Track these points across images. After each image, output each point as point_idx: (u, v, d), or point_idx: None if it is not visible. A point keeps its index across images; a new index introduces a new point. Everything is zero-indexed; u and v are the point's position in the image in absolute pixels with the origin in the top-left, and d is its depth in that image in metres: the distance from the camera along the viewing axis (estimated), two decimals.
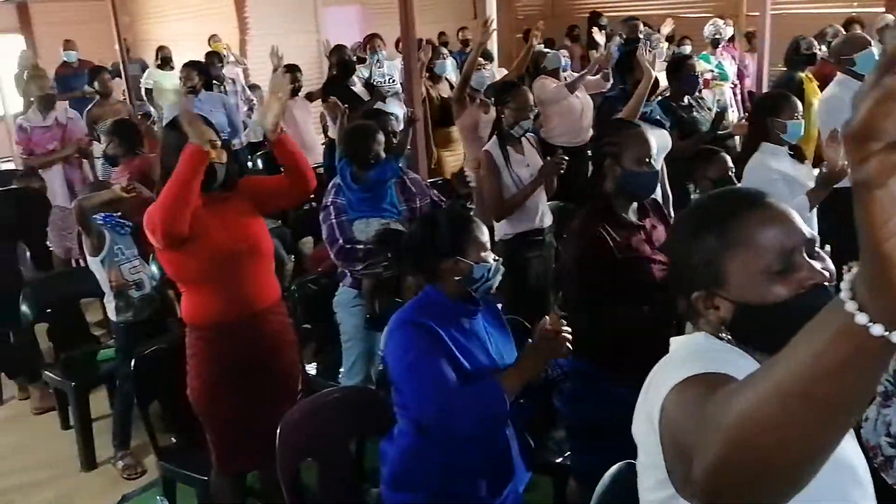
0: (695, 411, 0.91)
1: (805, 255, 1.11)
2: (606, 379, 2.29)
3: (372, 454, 2.61)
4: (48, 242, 4.97)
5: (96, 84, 6.17)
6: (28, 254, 4.78)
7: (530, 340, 2.00)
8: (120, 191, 3.24)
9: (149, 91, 8.10)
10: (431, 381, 1.91)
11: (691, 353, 1.15)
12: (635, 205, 2.35)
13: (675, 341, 1.25)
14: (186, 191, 2.26)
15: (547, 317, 1.99)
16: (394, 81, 6.05)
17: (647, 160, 2.28)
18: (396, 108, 5.01)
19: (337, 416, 2.41)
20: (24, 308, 3.70)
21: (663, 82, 4.65)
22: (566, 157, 3.55)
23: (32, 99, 5.43)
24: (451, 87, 6.13)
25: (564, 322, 1.96)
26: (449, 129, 5.54)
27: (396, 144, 3.77)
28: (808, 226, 1.16)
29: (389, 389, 2.10)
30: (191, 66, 6.01)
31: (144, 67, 9.20)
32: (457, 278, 2.03)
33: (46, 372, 3.74)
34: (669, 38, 7.43)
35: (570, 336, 1.94)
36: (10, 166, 7.89)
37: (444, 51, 7.09)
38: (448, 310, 2.04)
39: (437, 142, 5.49)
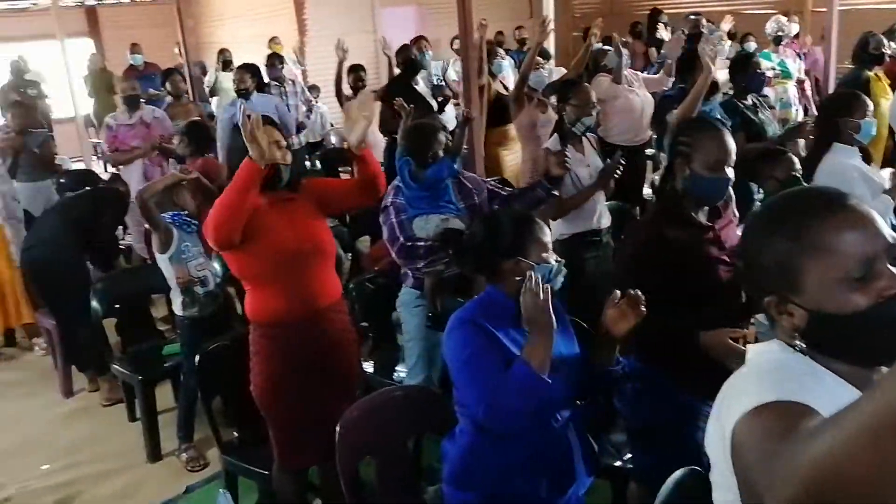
0: (768, 447, 0.89)
1: (887, 261, 1.05)
2: (665, 380, 2.26)
3: (429, 452, 2.63)
4: (129, 239, 5.14)
5: (168, 85, 6.38)
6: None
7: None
8: (179, 172, 3.35)
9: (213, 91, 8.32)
10: (482, 379, 1.91)
11: (766, 371, 1.11)
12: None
13: (751, 350, 1.21)
14: (238, 203, 2.30)
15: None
16: (440, 80, 6.07)
17: (721, 166, 2.18)
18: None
19: (396, 415, 2.42)
20: (93, 303, 3.84)
21: (725, 80, 4.55)
22: (623, 162, 3.51)
23: (121, 98, 5.67)
24: (505, 87, 6.11)
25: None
26: (506, 128, 5.53)
27: (452, 144, 3.78)
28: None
29: (451, 388, 2.11)
30: (244, 68, 6.13)
31: (203, 70, 9.43)
32: (517, 278, 2.02)
33: (115, 365, 3.87)
34: (731, 35, 7.27)
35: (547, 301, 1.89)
36: (81, 165, 8.17)
37: (501, 51, 7.08)
38: (508, 310, 2.03)
39: (494, 140, 5.47)
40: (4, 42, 11.35)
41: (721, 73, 4.78)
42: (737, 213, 2.54)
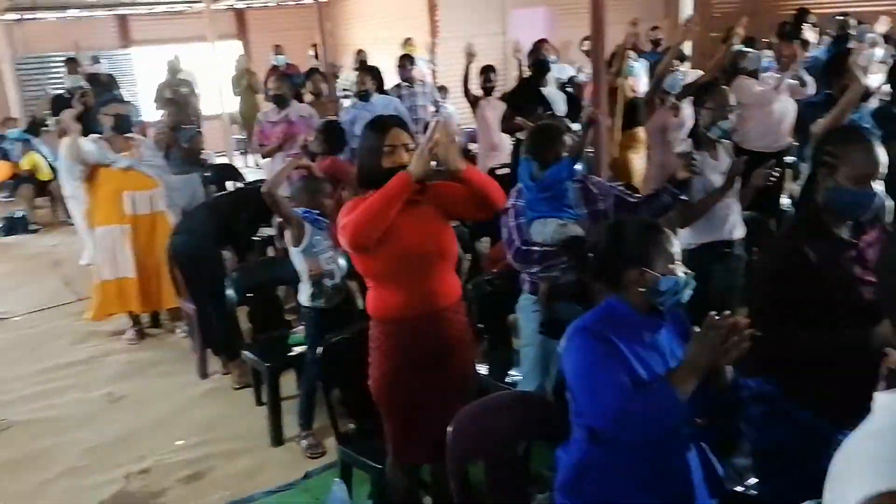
0: None
1: None
2: (798, 404, 2.13)
3: (538, 459, 2.60)
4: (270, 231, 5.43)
5: (309, 84, 6.69)
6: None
7: (697, 329, 1.85)
8: (295, 160, 3.54)
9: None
10: (606, 388, 1.87)
11: (889, 443, 0.98)
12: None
13: (879, 399, 1.06)
14: (383, 212, 2.35)
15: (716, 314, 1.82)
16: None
17: (867, 180, 2.04)
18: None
19: (508, 420, 2.41)
20: (229, 292, 4.07)
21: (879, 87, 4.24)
22: (778, 170, 3.32)
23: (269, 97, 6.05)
24: (633, 89, 5.95)
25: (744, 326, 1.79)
26: (635, 131, 5.39)
27: (574, 146, 3.71)
28: None
29: (564, 397, 2.08)
30: (365, 70, 6.28)
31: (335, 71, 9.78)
32: (641, 289, 1.96)
33: (245, 352, 4.07)
34: (886, 38, 6.76)
35: (743, 339, 1.77)
36: (225, 160, 8.66)
37: (633, 54, 6.91)
38: (629, 321, 1.98)
39: (623, 143, 5.34)
40: (161, 44, 12.26)
41: (872, 79, 4.44)
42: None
